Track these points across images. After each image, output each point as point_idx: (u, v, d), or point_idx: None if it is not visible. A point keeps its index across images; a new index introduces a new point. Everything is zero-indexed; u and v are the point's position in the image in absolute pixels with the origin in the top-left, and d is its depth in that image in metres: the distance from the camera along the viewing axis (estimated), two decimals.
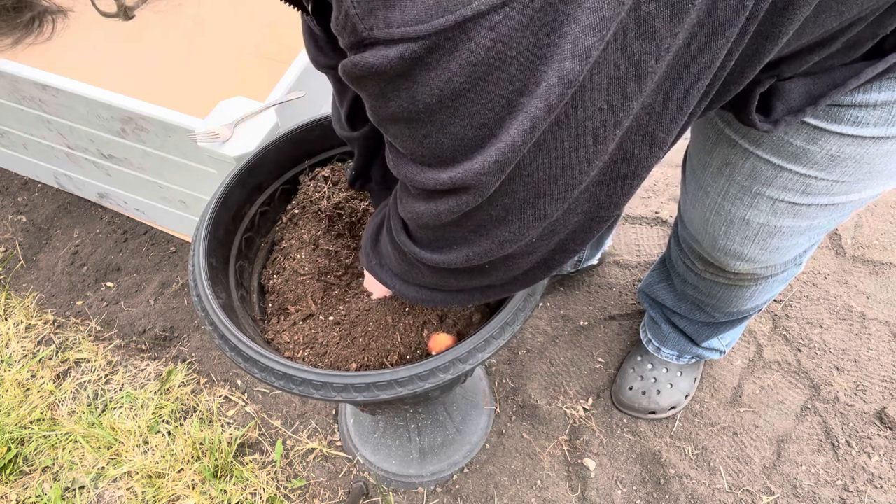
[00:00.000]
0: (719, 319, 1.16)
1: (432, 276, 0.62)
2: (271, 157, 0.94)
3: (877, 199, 0.78)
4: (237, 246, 0.90)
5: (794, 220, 0.78)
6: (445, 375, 0.67)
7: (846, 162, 0.68)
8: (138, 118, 1.23)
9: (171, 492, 1.28)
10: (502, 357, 1.46)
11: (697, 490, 1.27)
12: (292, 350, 0.82)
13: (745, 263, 0.89)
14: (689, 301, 1.18)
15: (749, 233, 0.83)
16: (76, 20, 1.73)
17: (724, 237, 0.86)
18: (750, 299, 1.05)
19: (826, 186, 0.72)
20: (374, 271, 0.72)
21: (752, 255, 0.87)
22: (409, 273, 0.65)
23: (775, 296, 1.10)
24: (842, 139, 0.66)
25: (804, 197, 0.74)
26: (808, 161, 0.69)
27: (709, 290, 1.07)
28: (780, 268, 0.93)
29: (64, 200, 1.78)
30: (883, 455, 1.29)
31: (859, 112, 0.63)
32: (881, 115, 0.63)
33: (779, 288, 1.04)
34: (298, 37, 1.42)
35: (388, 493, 1.28)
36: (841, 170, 0.69)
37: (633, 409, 1.35)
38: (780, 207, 0.77)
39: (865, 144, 0.65)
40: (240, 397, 1.42)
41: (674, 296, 1.22)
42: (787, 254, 0.87)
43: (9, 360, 1.49)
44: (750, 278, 0.96)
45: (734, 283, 1.00)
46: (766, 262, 0.89)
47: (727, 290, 1.03)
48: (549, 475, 1.30)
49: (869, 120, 0.63)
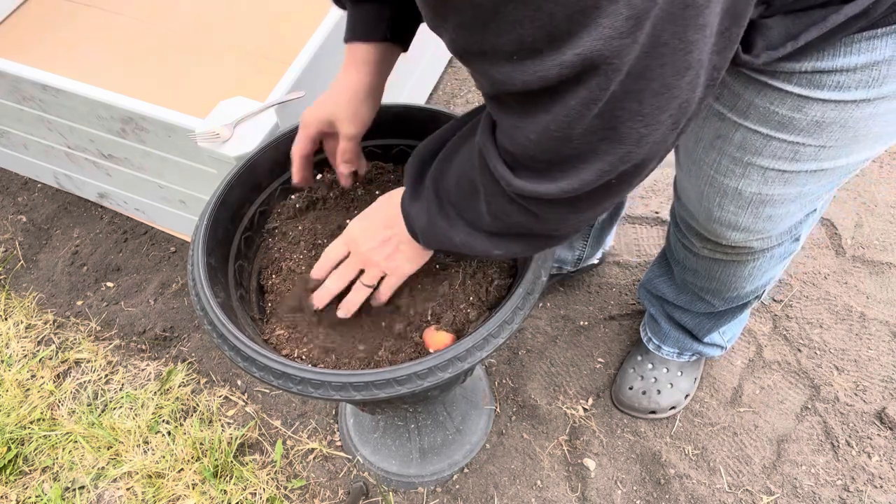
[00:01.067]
0: (720, 308, 1.16)
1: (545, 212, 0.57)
2: (270, 156, 0.94)
3: (864, 165, 0.79)
4: (236, 245, 0.90)
5: (785, 187, 0.79)
6: (444, 374, 0.67)
7: (831, 127, 0.69)
8: (138, 118, 1.23)
9: (171, 492, 1.28)
10: (502, 357, 1.46)
11: (697, 490, 1.27)
12: (292, 345, 0.82)
13: (740, 233, 0.90)
14: (689, 292, 1.18)
15: (742, 202, 0.84)
16: (77, 20, 1.74)
17: (718, 208, 0.88)
18: (749, 279, 1.05)
19: (814, 152, 0.73)
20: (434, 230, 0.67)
21: (747, 225, 0.88)
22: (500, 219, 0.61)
23: (774, 279, 1.10)
24: (825, 105, 0.67)
25: (793, 164, 0.76)
26: (795, 129, 0.71)
27: (708, 272, 1.07)
28: (775, 239, 0.94)
29: (64, 200, 1.78)
30: (883, 455, 1.29)
31: (840, 77, 0.64)
32: (861, 79, 0.64)
33: (777, 267, 1.04)
34: (298, 37, 1.42)
35: (388, 493, 1.28)
36: (827, 135, 0.70)
37: (634, 409, 1.35)
38: (771, 176, 0.78)
39: (849, 108, 0.67)
40: (240, 397, 1.42)
41: (674, 289, 1.22)
42: (781, 223, 0.88)
43: (9, 360, 1.49)
44: (747, 252, 0.97)
45: (732, 259, 1.00)
46: (761, 233, 0.90)
47: (726, 269, 1.04)
48: (549, 475, 1.30)
49: (850, 84, 0.64)
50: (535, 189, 0.53)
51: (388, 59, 0.83)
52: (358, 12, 0.80)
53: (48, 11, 1.60)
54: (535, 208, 0.57)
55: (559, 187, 0.52)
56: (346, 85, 0.82)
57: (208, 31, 1.52)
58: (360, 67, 0.81)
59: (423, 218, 0.69)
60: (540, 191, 0.53)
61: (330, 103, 0.83)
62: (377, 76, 0.82)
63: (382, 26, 0.79)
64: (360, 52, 0.81)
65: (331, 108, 0.83)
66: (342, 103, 0.82)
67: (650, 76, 0.44)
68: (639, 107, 0.45)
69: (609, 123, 0.46)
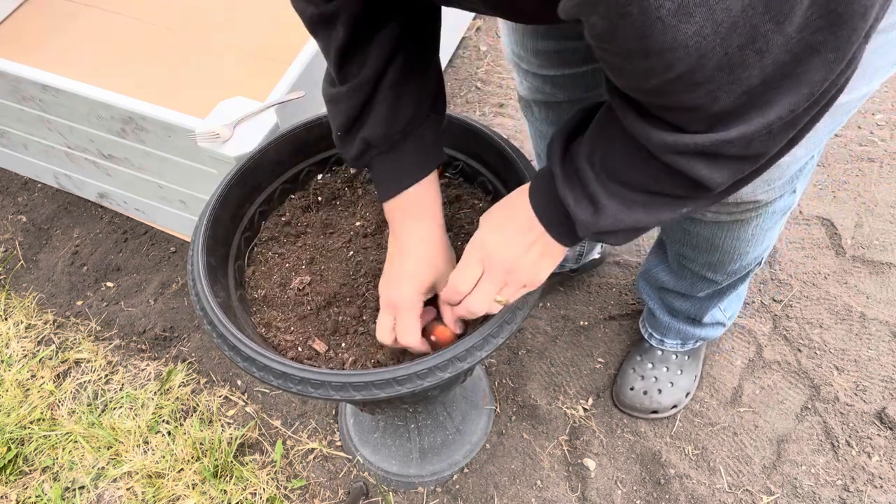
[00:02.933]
0: (722, 283, 1.15)
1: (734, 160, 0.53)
2: (270, 156, 0.94)
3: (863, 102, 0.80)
4: (236, 245, 0.90)
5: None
6: (444, 374, 0.67)
7: None
8: (138, 118, 1.24)
9: (171, 492, 1.28)
10: (502, 357, 1.46)
11: (697, 490, 1.27)
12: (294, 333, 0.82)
13: (749, 184, 0.89)
14: (689, 275, 1.17)
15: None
16: (77, 20, 1.75)
17: None
18: (752, 241, 1.03)
19: None
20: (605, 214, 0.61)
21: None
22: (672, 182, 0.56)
23: (772, 243, 1.10)
24: None
25: None
26: None
27: (710, 241, 1.05)
28: (778, 190, 0.92)
29: (64, 200, 1.78)
30: (883, 455, 1.29)
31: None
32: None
33: (777, 225, 1.04)
34: (298, 37, 1.42)
35: (388, 493, 1.28)
36: None
37: (635, 409, 1.35)
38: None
39: None
40: (240, 397, 1.43)
41: (672, 275, 1.22)
42: (787, 170, 0.87)
43: (9, 360, 1.49)
44: (751, 207, 0.95)
45: (736, 219, 0.98)
46: (767, 182, 0.88)
47: (729, 233, 1.02)
48: (549, 475, 1.30)
49: None
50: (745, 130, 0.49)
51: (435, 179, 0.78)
52: (399, 156, 0.75)
53: (48, 11, 1.60)
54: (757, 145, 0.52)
55: (766, 120, 0.48)
56: (421, 240, 0.76)
57: (208, 31, 1.52)
58: (427, 211, 0.76)
59: (585, 205, 0.62)
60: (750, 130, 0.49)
61: (421, 270, 0.76)
62: (441, 211, 0.77)
63: (432, 155, 0.75)
64: (417, 198, 0.76)
65: (427, 274, 0.76)
66: (439, 263, 0.76)
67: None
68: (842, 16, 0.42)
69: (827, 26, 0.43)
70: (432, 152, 0.78)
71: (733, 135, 0.49)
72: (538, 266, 0.70)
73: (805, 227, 1.63)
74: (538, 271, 0.71)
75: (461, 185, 0.98)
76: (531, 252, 0.69)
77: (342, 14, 0.68)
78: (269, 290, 0.89)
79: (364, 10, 0.68)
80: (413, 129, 0.76)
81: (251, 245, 0.94)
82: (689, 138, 0.51)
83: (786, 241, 1.60)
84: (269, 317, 0.86)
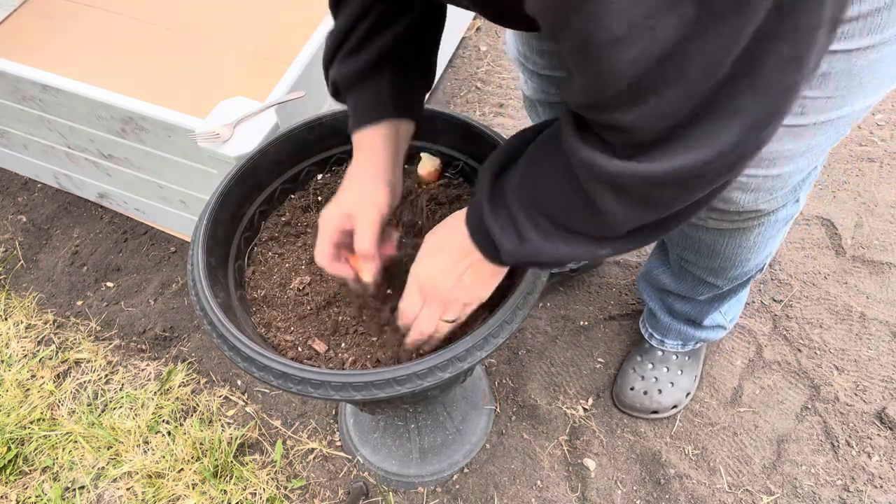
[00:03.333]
0: (724, 288, 1.15)
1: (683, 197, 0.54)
2: (270, 156, 0.94)
3: (867, 112, 0.81)
4: (236, 245, 0.90)
5: (796, 142, 0.80)
6: (444, 374, 0.67)
7: (838, 77, 0.71)
8: (138, 118, 1.24)
9: (171, 492, 1.28)
10: (502, 357, 1.46)
11: (697, 490, 1.27)
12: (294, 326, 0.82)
13: (750, 194, 0.89)
14: (690, 279, 1.17)
15: (754, 162, 0.83)
16: (77, 20, 1.75)
17: None
18: (754, 248, 1.04)
19: (821, 105, 0.74)
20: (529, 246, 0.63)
21: (757, 185, 0.87)
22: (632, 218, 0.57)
23: (776, 248, 1.09)
24: (833, 55, 0.69)
25: (802, 118, 0.76)
26: None
27: (711, 248, 1.05)
28: (780, 200, 0.93)
29: (64, 200, 1.78)
30: (883, 455, 1.29)
31: (846, 26, 0.66)
32: (865, 26, 0.66)
33: (780, 234, 1.04)
34: (298, 37, 1.42)
35: (388, 493, 1.28)
36: (833, 85, 0.72)
37: (636, 410, 1.35)
38: (781, 132, 0.78)
39: (854, 57, 0.69)
40: (240, 397, 1.43)
41: (673, 277, 1.22)
42: (790, 180, 0.88)
43: (9, 360, 1.49)
44: (753, 216, 0.95)
45: (738, 227, 0.99)
46: (770, 192, 0.89)
47: (731, 240, 1.02)
48: (549, 475, 1.30)
49: (854, 32, 0.66)
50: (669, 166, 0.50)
51: (397, 137, 0.80)
52: (354, 99, 0.78)
53: (48, 11, 1.60)
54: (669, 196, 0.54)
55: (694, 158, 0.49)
56: (356, 174, 0.79)
57: (208, 31, 1.52)
58: (367, 153, 0.78)
59: (510, 234, 0.64)
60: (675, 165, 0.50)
61: (342, 196, 0.79)
62: (390, 158, 0.79)
63: (386, 103, 0.77)
64: (366, 139, 0.78)
65: (343, 202, 0.79)
66: (355, 192, 0.78)
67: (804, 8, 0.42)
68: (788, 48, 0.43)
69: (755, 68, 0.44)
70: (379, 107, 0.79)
71: (653, 168, 0.50)
72: (474, 288, 0.73)
73: (805, 227, 1.63)
74: (476, 292, 0.74)
75: (461, 185, 0.98)
76: (465, 277, 0.72)
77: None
78: (269, 290, 0.89)
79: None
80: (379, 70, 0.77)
81: (251, 245, 0.94)
82: (607, 162, 0.52)
83: (786, 241, 1.60)
84: (268, 317, 0.86)
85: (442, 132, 0.97)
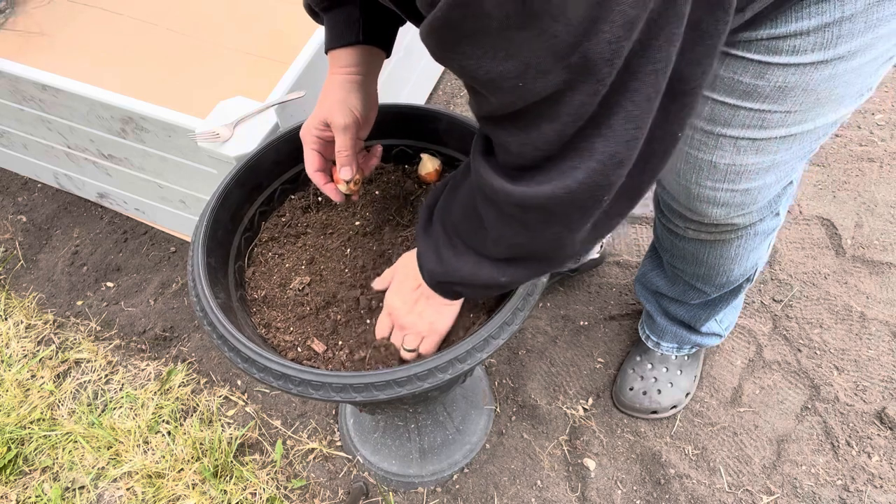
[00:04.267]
0: (712, 294, 1.17)
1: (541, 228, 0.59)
2: (270, 157, 0.94)
3: (833, 130, 0.82)
4: (236, 246, 0.90)
5: (758, 155, 0.81)
6: (444, 375, 0.67)
7: (794, 91, 0.72)
8: (138, 118, 1.23)
9: (171, 492, 1.28)
10: (502, 357, 1.46)
11: (697, 490, 1.27)
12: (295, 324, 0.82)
13: (721, 209, 0.91)
14: (681, 282, 1.19)
15: (718, 176, 0.86)
16: (77, 20, 1.74)
17: (695, 185, 0.89)
18: (736, 259, 1.06)
19: (780, 118, 0.76)
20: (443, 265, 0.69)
21: (726, 199, 0.89)
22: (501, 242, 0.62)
23: (762, 260, 1.11)
24: (786, 69, 0.70)
25: (762, 131, 0.78)
26: (760, 96, 0.74)
27: (695, 256, 1.08)
28: (756, 215, 0.95)
29: (64, 200, 1.78)
30: (883, 455, 1.29)
31: (796, 41, 0.68)
32: (816, 41, 0.67)
33: (762, 246, 1.05)
34: (298, 37, 1.42)
35: (388, 493, 1.28)
36: (791, 100, 0.73)
37: (635, 410, 1.35)
38: (743, 145, 0.80)
39: (807, 71, 0.70)
40: (240, 397, 1.43)
41: (666, 280, 1.23)
42: (760, 196, 0.89)
43: (9, 360, 1.49)
44: (730, 229, 0.98)
45: (717, 238, 1.01)
46: (741, 207, 0.91)
47: (712, 251, 1.05)
48: (549, 475, 1.30)
49: (806, 47, 0.68)
50: (534, 192, 0.54)
51: (368, 61, 0.82)
52: (330, 20, 0.81)
53: (48, 11, 1.60)
54: (533, 221, 0.58)
55: (554, 187, 0.53)
56: (330, 85, 0.82)
57: (208, 32, 1.52)
58: (341, 69, 0.81)
59: (431, 255, 0.70)
60: (538, 192, 0.54)
61: (318, 107, 0.83)
62: (362, 74, 0.82)
63: (355, 28, 0.80)
64: (339, 57, 0.81)
65: (320, 110, 0.83)
66: (330, 100, 0.82)
67: (641, 77, 0.46)
68: (632, 106, 0.48)
69: (603, 120, 0.49)
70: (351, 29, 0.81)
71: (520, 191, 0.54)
72: (428, 317, 0.78)
73: (805, 227, 1.63)
74: (431, 322, 0.78)
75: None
76: (418, 306, 0.77)
77: None
78: (270, 290, 0.89)
79: None
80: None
81: (251, 245, 0.94)
82: (493, 179, 0.56)
83: (786, 242, 1.60)
84: (268, 317, 0.86)
85: (442, 133, 0.97)
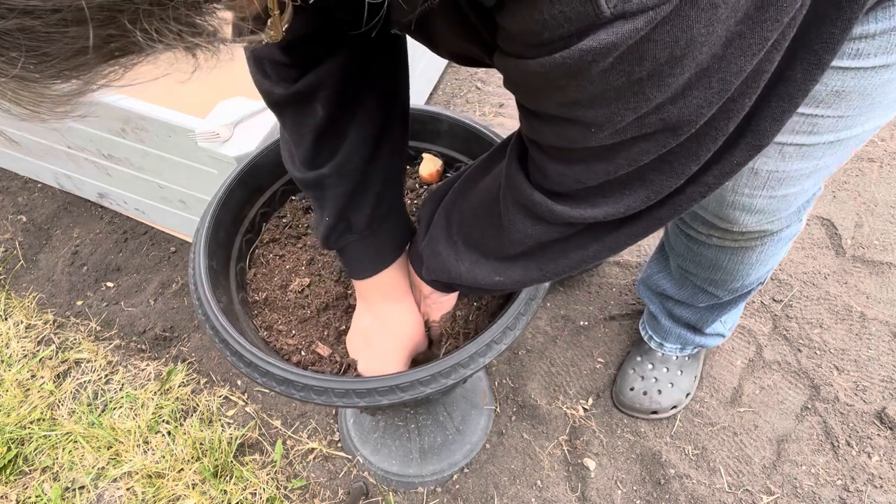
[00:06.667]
0: (724, 298, 1.15)
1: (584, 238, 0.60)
2: (272, 158, 0.94)
3: (875, 132, 0.79)
4: (237, 248, 0.90)
5: (802, 161, 0.78)
6: (447, 380, 0.66)
7: (850, 96, 0.69)
8: (138, 118, 1.23)
9: (171, 492, 1.28)
10: (502, 357, 1.46)
11: (697, 490, 1.27)
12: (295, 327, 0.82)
13: (755, 216, 0.88)
14: (690, 286, 1.17)
15: (758, 182, 0.82)
16: None
17: (731, 192, 0.85)
18: (756, 265, 1.03)
19: (832, 124, 0.73)
20: (440, 260, 0.68)
21: (762, 206, 0.86)
22: (518, 243, 0.62)
23: (778, 263, 1.09)
24: (845, 73, 0.68)
25: (811, 137, 0.75)
26: (814, 101, 0.71)
27: (713, 262, 1.05)
28: (785, 221, 0.92)
29: (64, 200, 1.78)
30: (883, 455, 1.30)
31: (859, 44, 0.65)
32: (880, 45, 0.65)
33: (783, 250, 1.04)
34: None
35: (388, 493, 1.28)
36: (846, 105, 0.71)
37: (635, 410, 1.35)
38: (789, 151, 0.77)
39: (868, 76, 0.67)
40: (240, 397, 1.42)
41: (674, 283, 1.22)
42: (795, 202, 0.87)
43: (9, 360, 1.49)
44: (758, 236, 0.95)
45: (741, 245, 0.98)
46: (775, 213, 0.88)
47: (733, 257, 1.02)
48: (549, 475, 1.30)
49: (869, 51, 0.65)
50: (581, 214, 0.55)
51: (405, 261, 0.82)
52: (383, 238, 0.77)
53: None
54: (572, 231, 0.58)
55: (604, 211, 0.54)
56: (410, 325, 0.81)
57: None
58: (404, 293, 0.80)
59: (428, 250, 0.70)
60: (586, 215, 0.55)
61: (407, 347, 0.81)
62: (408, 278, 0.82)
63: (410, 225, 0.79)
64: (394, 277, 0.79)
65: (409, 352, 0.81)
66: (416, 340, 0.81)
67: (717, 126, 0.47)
68: (696, 147, 0.48)
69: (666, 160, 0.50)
70: (407, 228, 0.80)
71: (567, 211, 0.55)
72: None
73: (805, 227, 1.63)
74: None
75: None
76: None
77: (321, 92, 0.65)
78: (271, 292, 0.89)
79: (346, 84, 0.65)
80: (394, 208, 0.77)
81: (252, 247, 0.94)
82: (531, 191, 0.57)
83: None
84: (270, 320, 0.86)
85: (443, 133, 0.97)
